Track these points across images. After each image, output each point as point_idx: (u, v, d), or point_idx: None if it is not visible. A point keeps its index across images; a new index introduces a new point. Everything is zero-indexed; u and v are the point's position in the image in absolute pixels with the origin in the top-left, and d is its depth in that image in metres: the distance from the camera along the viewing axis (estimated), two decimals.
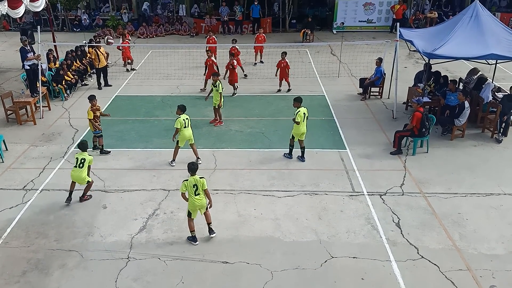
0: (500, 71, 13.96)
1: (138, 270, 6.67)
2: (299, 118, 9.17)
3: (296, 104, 9.38)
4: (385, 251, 6.99)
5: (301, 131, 9.41)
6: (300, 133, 9.43)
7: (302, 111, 9.26)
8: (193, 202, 6.94)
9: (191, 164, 6.99)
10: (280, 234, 7.43)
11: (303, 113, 9.27)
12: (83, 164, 8.07)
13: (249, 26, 22.78)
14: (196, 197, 6.92)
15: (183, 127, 9.13)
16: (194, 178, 6.90)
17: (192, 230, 7.16)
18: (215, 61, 13.84)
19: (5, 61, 17.89)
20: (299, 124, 9.24)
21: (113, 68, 16.58)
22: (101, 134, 10.09)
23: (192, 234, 7.17)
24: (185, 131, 9.22)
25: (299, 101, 9.38)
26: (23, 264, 6.82)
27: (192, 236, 7.18)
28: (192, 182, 6.88)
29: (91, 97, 9.97)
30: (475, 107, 11.13)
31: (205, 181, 6.98)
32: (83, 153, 8.13)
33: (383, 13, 22.38)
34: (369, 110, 12.54)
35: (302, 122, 9.27)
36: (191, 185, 6.88)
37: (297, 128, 9.35)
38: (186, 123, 9.20)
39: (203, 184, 6.91)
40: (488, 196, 8.42)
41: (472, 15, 10.56)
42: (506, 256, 6.86)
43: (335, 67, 16.00)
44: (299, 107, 9.31)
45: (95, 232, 7.53)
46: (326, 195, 8.48)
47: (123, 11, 23.93)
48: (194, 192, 6.89)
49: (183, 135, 9.24)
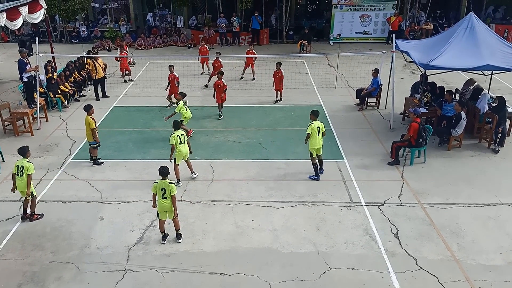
0: (495, 81, 14.08)
1: (135, 283, 6.60)
2: (309, 130, 9.01)
3: (311, 117, 9.25)
4: (383, 262, 6.96)
5: (316, 146, 9.13)
6: (315, 148, 9.15)
7: (315, 124, 9.08)
8: (160, 204, 7.22)
9: (162, 168, 7.17)
10: (278, 245, 7.39)
11: (316, 126, 9.06)
12: (22, 172, 7.68)
13: (247, 38, 22.94)
14: (163, 200, 7.18)
15: (178, 143, 8.87)
16: (163, 182, 7.12)
17: (161, 231, 7.47)
18: (177, 76, 13.47)
19: (3, 72, 17.92)
20: (310, 137, 9.03)
21: (111, 79, 16.63)
22: (99, 144, 10.05)
23: (161, 233, 7.49)
24: (182, 148, 8.89)
25: (315, 114, 9.23)
26: (18, 277, 6.74)
27: (162, 236, 7.49)
28: (161, 185, 7.12)
29: (89, 106, 9.85)
30: (471, 117, 11.20)
31: (174, 187, 7.14)
32: (22, 160, 7.75)
33: (379, 25, 22.63)
34: (366, 121, 12.60)
35: (316, 136, 9.04)
36: (160, 188, 7.14)
37: (311, 143, 9.11)
38: (182, 139, 8.90)
39: (172, 189, 7.08)
40: (486, 206, 8.43)
41: (467, 26, 10.68)
42: (505, 267, 6.84)
43: (332, 78, 16.11)
44: (314, 120, 9.15)
45: (92, 244, 7.47)
46: (324, 206, 8.46)
47: (121, 22, 24.10)
48: (162, 195, 7.15)
49: (180, 152, 8.90)
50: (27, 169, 7.70)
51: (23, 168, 7.72)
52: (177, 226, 7.46)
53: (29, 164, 7.76)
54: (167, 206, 7.20)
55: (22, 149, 7.90)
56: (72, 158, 10.48)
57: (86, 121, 9.77)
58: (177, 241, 7.44)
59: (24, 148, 7.93)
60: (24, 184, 7.76)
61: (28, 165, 7.72)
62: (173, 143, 8.82)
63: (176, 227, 7.46)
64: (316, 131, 9.09)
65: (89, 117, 9.75)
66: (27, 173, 7.69)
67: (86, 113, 9.78)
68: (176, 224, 7.45)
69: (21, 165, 7.75)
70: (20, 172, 7.75)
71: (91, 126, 9.73)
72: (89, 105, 9.91)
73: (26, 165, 7.72)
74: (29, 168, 7.69)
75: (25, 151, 7.90)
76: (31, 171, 7.71)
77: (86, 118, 9.78)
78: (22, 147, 7.96)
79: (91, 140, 9.92)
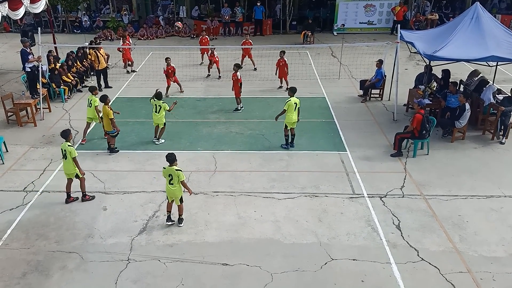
0: (500, 73, 13.95)
1: (138, 272, 6.66)
2: (286, 107, 9.71)
3: (289, 93, 10.00)
4: (385, 254, 6.98)
5: (292, 120, 9.87)
6: (291, 122, 9.90)
7: (292, 100, 9.77)
8: (168, 189, 7.51)
9: (169, 155, 7.37)
10: (280, 236, 7.42)
11: (293, 102, 9.76)
12: (66, 156, 8.00)
13: (250, 28, 22.78)
14: (169, 186, 7.43)
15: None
16: (170, 168, 7.32)
17: (168, 210, 7.73)
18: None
19: (5, 62, 17.92)
20: (286, 112, 9.74)
21: (113, 70, 16.60)
22: (118, 133, 10.19)
23: (167, 213, 7.74)
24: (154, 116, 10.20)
25: (292, 91, 9.97)
26: (23, 266, 6.82)
27: (167, 217, 7.73)
28: (168, 171, 7.36)
29: (105, 96, 9.99)
30: (475, 109, 11.13)
31: (181, 173, 7.31)
32: (65, 143, 8.04)
33: (383, 15, 22.40)
34: (370, 112, 12.54)
35: (293, 111, 9.76)
36: (167, 174, 7.40)
37: (288, 117, 9.81)
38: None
39: (179, 176, 7.30)
40: (488, 198, 8.42)
41: (473, 17, 10.57)
42: (507, 259, 6.85)
43: (335, 69, 16.00)
44: (291, 96, 9.85)
45: (95, 234, 7.53)
46: (326, 197, 8.47)
47: (124, 12, 23.96)
48: (169, 181, 7.41)
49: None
50: (69, 153, 7.95)
51: (65, 151, 7.97)
52: (180, 212, 7.71)
53: (70, 148, 7.99)
54: (173, 192, 7.43)
55: (64, 133, 8.13)
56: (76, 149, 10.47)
57: (104, 111, 9.88)
58: (178, 225, 7.66)
59: (66, 132, 8.16)
60: (69, 166, 8.05)
61: (70, 149, 7.96)
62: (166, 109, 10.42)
63: (180, 212, 7.71)
64: (293, 107, 9.78)
65: (106, 106, 9.87)
66: (71, 157, 7.95)
67: (103, 103, 9.91)
68: (180, 210, 7.69)
69: (64, 149, 8.00)
70: (64, 156, 8.03)
71: (110, 115, 9.84)
72: (105, 95, 10.07)
73: (68, 149, 7.95)
74: (71, 152, 7.95)
75: (67, 134, 8.13)
76: (74, 154, 7.97)
77: (103, 108, 9.89)
78: (64, 131, 8.18)
79: (110, 129, 10.02)
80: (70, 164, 8.05)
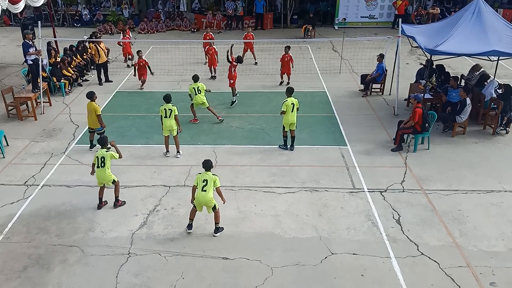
0: (501, 67, 13.90)
1: (138, 266, 6.69)
2: (284, 108, 9.46)
3: (286, 94, 9.71)
4: (385, 248, 7.00)
5: (289, 121, 9.62)
6: (288, 123, 9.65)
7: (289, 101, 9.50)
8: (198, 197, 7.04)
9: (206, 162, 7.09)
10: (280, 230, 7.44)
11: (290, 103, 9.50)
12: (104, 163, 7.71)
13: (251, 22, 22.68)
14: (201, 193, 6.98)
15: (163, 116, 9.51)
16: (206, 174, 7.04)
17: (191, 218, 7.35)
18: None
19: (5, 56, 17.88)
20: (284, 114, 9.50)
21: (113, 64, 16.56)
22: (104, 130, 10.01)
23: (189, 221, 7.37)
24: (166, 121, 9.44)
25: (289, 91, 9.70)
26: (24, 260, 6.84)
27: (188, 224, 7.37)
28: (203, 177, 7.02)
29: (92, 93, 9.79)
30: (476, 104, 11.10)
31: (217, 179, 7.03)
32: (101, 150, 7.76)
33: (385, 9, 22.30)
34: (370, 107, 12.52)
35: (290, 112, 9.50)
36: (202, 179, 7.02)
37: (285, 118, 9.61)
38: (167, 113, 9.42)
39: (215, 182, 6.99)
40: (488, 193, 8.42)
41: (475, 11, 10.50)
42: (506, 253, 6.86)
43: (336, 63, 15.95)
44: (289, 97, 9.58)
45: (96, 227, 7.55)
46: (327, 192, 8.48)
47: (124, 6, 23.86)
48: (202, 187, 6.98)
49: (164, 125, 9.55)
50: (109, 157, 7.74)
51: (104, 159, 7.69)
52: (217, 220, 7.27)
53: (109, 153, 7.74)
54: (204, 199, 6.99)
55: (102, 139, 7.85)
56: (76, 143, 10.52)
57: (92, 107, 9.69)
58: (213, 235, 7.27)
59: (103, 138, 7.89)
60: (103, 174, 7.75)
61: (109, 154, 7.72)
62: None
63: (216, 220, 7.28)
64: (291, 108, 9.51)
65: (94, 103, 9.72)
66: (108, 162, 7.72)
67: (90, 100, 9.73)
68: (216, 217, 7.27)
69: (102, 156, 7.69)
70: (101, 163, 7.70)
71: (97, 112, 9.70)
72: (91, 92, 9.88)
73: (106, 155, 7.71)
74: (111, 156, 7.76)
75: (104, 141, 7.84)
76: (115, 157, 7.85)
77: (91, 104, 9.70)
78: (101, 137, 7.94)
79: (97, 127, 9.87)
80: (105, 172, 7.76)
